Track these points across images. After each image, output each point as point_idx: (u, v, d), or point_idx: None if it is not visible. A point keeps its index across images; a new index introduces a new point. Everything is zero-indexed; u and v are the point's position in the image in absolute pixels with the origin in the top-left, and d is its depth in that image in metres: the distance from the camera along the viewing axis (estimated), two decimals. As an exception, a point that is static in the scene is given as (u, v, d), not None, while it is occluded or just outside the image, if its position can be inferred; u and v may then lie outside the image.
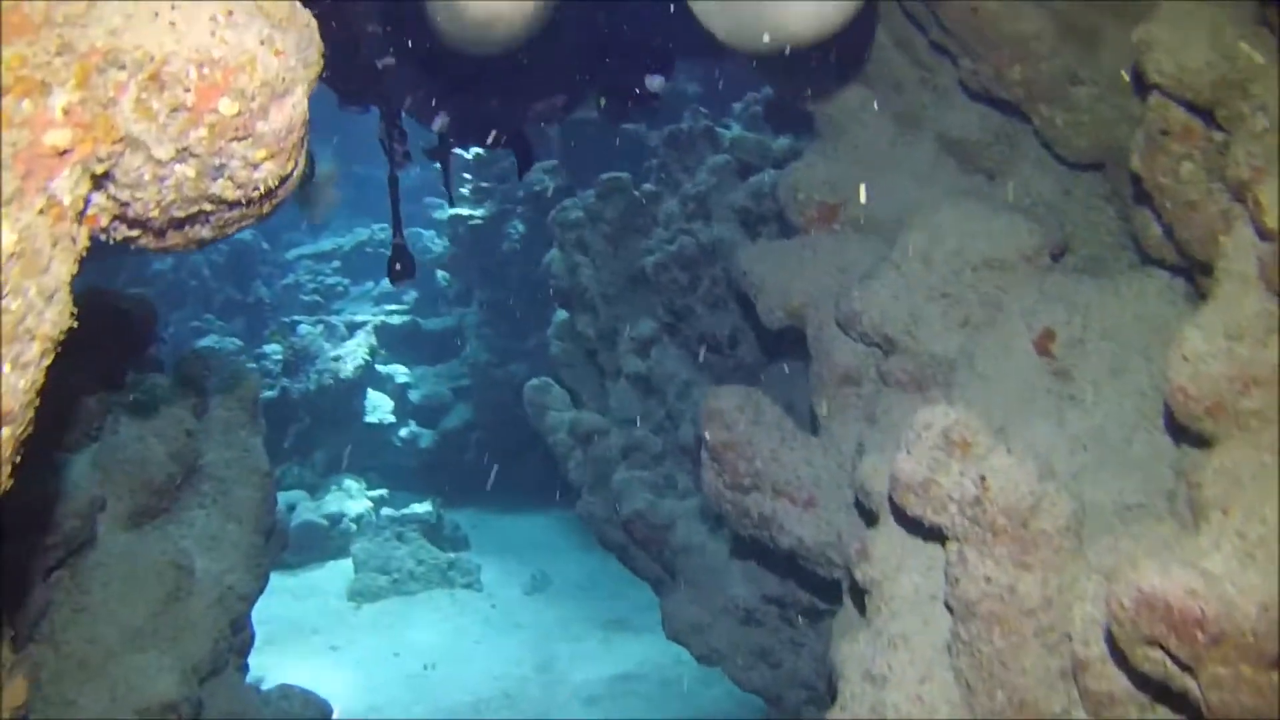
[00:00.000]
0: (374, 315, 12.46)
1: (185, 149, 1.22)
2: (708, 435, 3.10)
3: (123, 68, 1.15)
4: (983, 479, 1.97)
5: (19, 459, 1.24)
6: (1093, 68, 2.83)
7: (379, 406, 11.59)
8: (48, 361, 1.20)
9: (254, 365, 11.92)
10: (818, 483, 3.01)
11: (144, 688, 3.10)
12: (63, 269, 1.17)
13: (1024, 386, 2.63)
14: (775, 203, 3.60)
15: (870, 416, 2.97)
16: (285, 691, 4.10)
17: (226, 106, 1.20)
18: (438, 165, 3.12)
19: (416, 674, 7.74)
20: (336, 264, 14.59)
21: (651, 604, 4.96)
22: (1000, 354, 2.70)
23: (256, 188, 1.30)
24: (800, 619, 4.12)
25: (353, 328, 11.84)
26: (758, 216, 5.04)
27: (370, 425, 11.52)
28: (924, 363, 2.85)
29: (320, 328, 11.40)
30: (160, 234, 1.38)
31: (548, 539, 10.11)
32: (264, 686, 7.32)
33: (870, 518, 2.52)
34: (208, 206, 1.32)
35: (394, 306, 12.99)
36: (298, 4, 1.38)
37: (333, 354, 11.21)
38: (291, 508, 10.25)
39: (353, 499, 10.57)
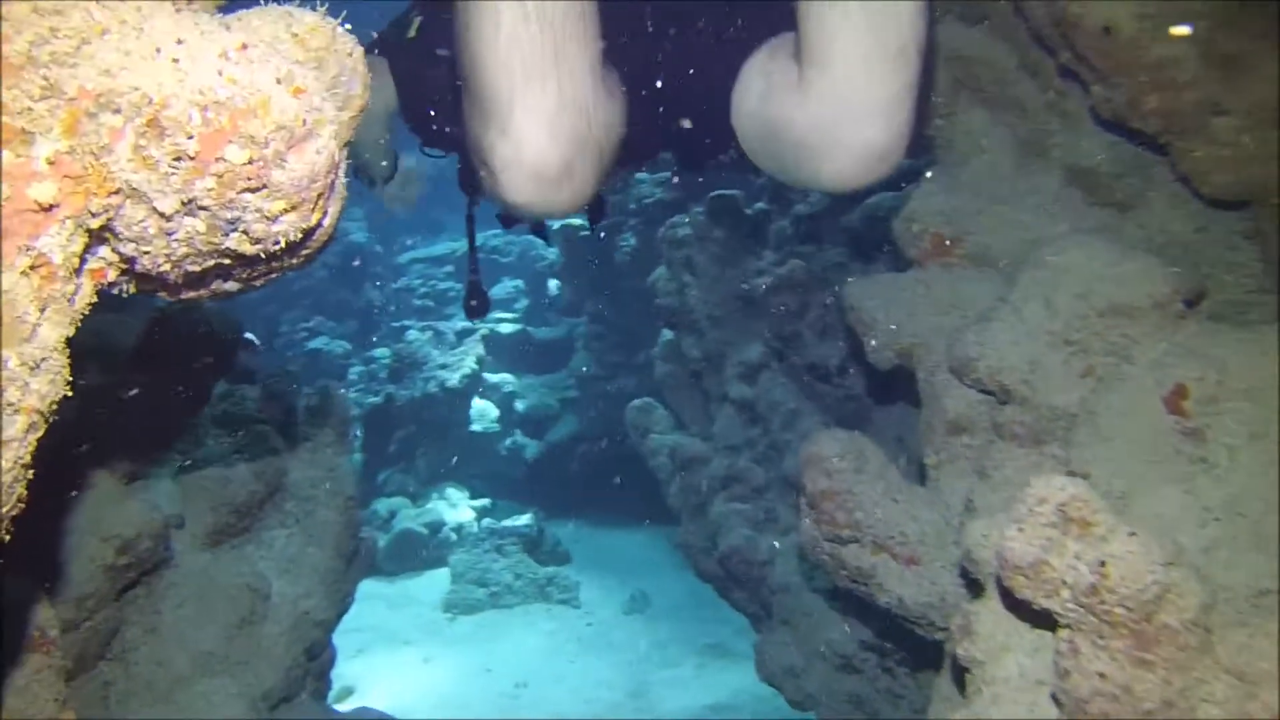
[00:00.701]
0: (483, 322, 12.39)
1: (192, 201, 1.08)
2: (806, 483, 2.92)
3: (118, 111, 1.01)
4: (1102, 565, 1.76)
5: (9, 536, 1.13)
6: (1238, 98, 2.59)
7: (485, 415, 11.51)
8: (37, 435, 1.07)
9: (362, 368, 11.99)
10: (922, 539, 2.81)
11: (210, 716, 3.03)
12: (54, 333, 1.05)
13: (1151, 448, 2.40)
14: (890, 228, 3.40)
15: (982, 470, 2.76)
16: (363, 714, 4.01)
17: (235, 154, 1.06)
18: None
19: (507, 693, 7.62)
20: (449, 269, 14.59)
21: (751, 629, 4.80)
22: (1126, 410, 2.47)
23: (276, 242, 1.16)
24: (900, 668, 3.91)
25: (462, 335, 11.78)
26: (871, 241, 4.84)
27: (475, 434, 11.45)
28: (1042, 415, 2.63)
29: (429, 334, 11.37)
30: (178, 288, 1.25)
31: (650, 556, 9.93)
32: (354, 696, 7.36)
33: (975, 588, 2.31)
34: (226, 261, 1.19)
35: (504, 315, 12.94)
36: (339, 32, 1.24)
37: (440, 361, 11.16)
38: (392, 515, 10.25)
39: (454, 508, 10.52)
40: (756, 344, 5.35)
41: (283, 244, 1.17)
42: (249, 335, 4.97)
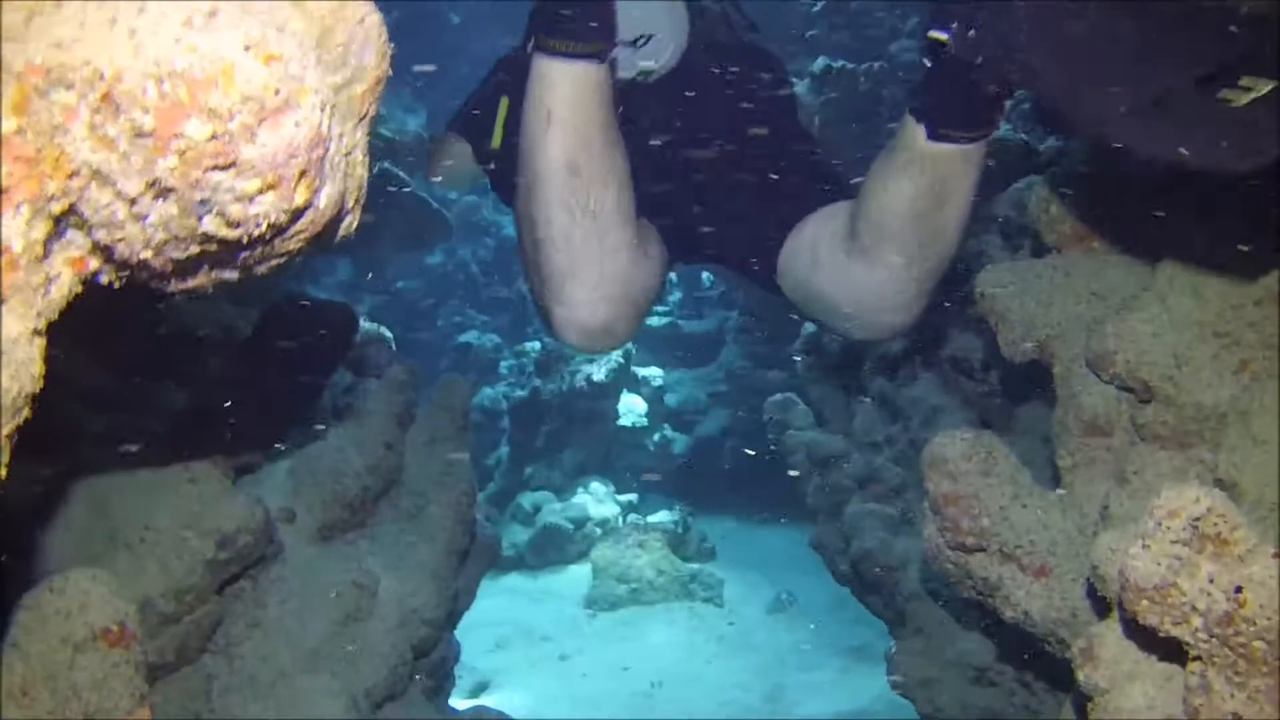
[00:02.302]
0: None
1: (157, 181, 0.99)
2: (930, 485, 2.71)
3: (70, 88, 0.93)
4: (1238, 590, 1.54)
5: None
6: None
7: (633, 409, 11.41)
8: (3, 431, 0.99)
9: (513, 362, 12.00)
10: (1053, 548, 2.57)
11: (309, 712, 2.98)
12: (18, 325, 0.97)
13: (1312, 455, 2.14)
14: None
15: (1120, 475, 2.51)
16: (479, 713, 3.94)
17: (196, 129, 0.96)
18: None
19: (642, 692, 7.49)
20: (601, 264, 14.52)
21: (895, 634, 4.58)
22: (1284, 412, 2.21)
23: (258, 224, 1.06)
24: (1037, 683, 3.65)
25: (609, 329, 11.69)
26: (1019, 228, 4.56)
27: (623, 428, 11.35)
28: (1188, 416, 2.38)
29: (577, 328, 11.25)
30: (168, 278, 1.15)
31: (799, 555, 9.54)
32: (489, 690, 7.34)
33: (1102, 606, 2.10)
34: (211, 247, 1.09)
35: (655, 307, 12.80)
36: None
37: (586, 355, 11.06)
38: (537, 509, 10.22)
39: (600, 503, 10.44)
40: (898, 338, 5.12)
41: (265, 226, 1.07)
42: (382, 330, 4.97)
